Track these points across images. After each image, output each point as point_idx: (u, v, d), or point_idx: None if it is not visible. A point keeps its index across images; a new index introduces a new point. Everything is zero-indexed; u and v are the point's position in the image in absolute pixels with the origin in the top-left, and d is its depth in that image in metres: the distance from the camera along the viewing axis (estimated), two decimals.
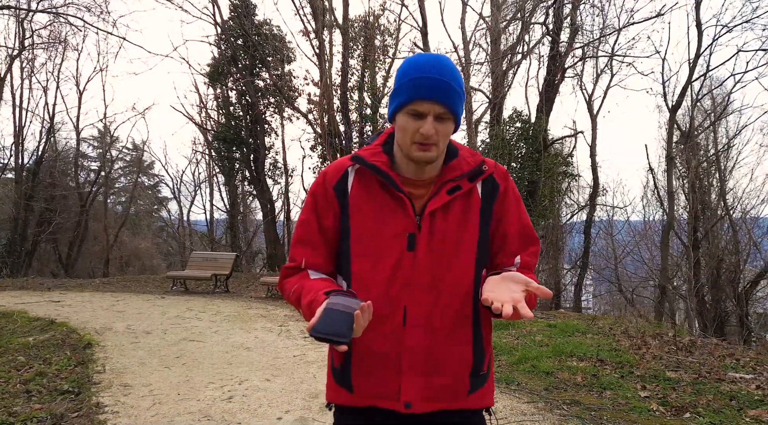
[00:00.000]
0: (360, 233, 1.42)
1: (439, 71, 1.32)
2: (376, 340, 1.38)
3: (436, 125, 1.32)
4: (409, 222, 1.39)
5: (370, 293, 1.37)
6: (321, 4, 14.38)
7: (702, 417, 4.06)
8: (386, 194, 1.42)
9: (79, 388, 4.72)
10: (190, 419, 4.03)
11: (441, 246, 1.39)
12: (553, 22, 11.43)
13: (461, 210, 1.43)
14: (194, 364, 5.59)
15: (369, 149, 1.49)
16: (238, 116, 18.39)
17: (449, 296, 1.39)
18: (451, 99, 1.32)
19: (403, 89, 1.34)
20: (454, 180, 1.42)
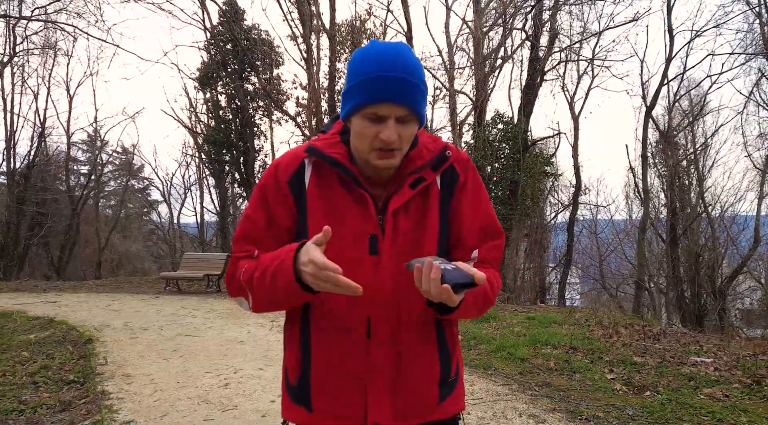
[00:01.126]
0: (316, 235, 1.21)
1: (400, 67, 1.15)
2: (338, 356, 1.25)
3: (398, 129, 1.17)
4: (370, 222, 1.24)
5: (328, 304, 1.25)
6: (308, 10, 14.72)
7: (660, 395, 4.45)
8: (345, 191, 1.26)
9: (84, 378, 5.03)
10: (190, 403, 4.36)
11: (404, 249, 1.24)
12: (532, 27, 11.85)
13: (423, 205, 1.28)
14: (191, 356, 5.91)
15: (325, 138, 1.32)
16: (228, 119, 18.70)
17: (413, 303, 1.24)
18: (415, 99, 1.16)
19: (357, 90, 1.17)
20: (416, 171, 1.27)
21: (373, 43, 1.22)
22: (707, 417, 3.99)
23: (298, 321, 1.32)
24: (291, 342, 1.35)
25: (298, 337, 1.31)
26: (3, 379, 5.11)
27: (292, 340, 1.34)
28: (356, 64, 1.19)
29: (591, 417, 4.02)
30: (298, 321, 1.32)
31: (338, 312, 1.25)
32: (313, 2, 15.25)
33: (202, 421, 3.96)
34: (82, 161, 29.47)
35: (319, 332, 1.27)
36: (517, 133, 12.83)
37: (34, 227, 21.34)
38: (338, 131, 1.33)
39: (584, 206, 20.23)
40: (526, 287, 16.44)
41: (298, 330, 1.31)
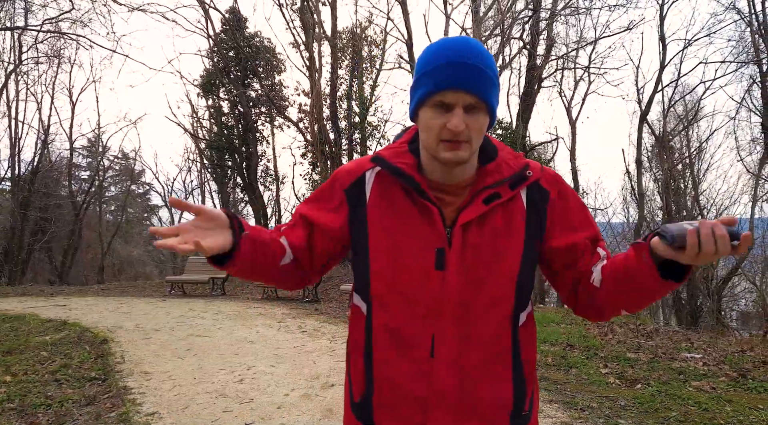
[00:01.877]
0: (380, 248, 1.20)
1: (467, 54, 1.10)
2: (400, 373, 1.18)
3: (466, 118, 1.11)
4: (437, 236, 1.16)
5: (392, 318, 1.19)
6: (310, 19, 15.02)
7: (651, 387, 4.72)
8: (411, 202, 1.20)
9: (105, 375, 5.29)
10: (208, 397, 4.62)
11: (475, 265, 1.16)
12: (529, 36, 12.17)
13: (502, 222, 1.19)
14: (204, 355, 6.17)
15: (393, 147, 1.27)
16: (230, 125, 18.97)
17: (483, 325, 1.17)
18: (484, 87, 1.11)
19: (425, 78, 1.13)
20: (491, 187, 1.19)
21: (443, 38, 1.18)
22: (694, 407, 4.26)
23: (362, 335, 1.25)
24: (355, 356, 1.28)
25: (362, 352, 1.24)
26: (25, 377, 5.36)
27: (357, 355, 1.27)
28: (424, 57, 1.16)
29: (585, 408, 4.29)
30: (362, 335, 1.25)
31: (401, 328, 1.18)
32: (315, 11, 15.56)
33: (221, 412, 4.22)
34: (83, 167, 29.78)
35: (382, 348, 1.20)
36: (515, 138, 13.13)
37: (37, 233, 21.59)
38: (407, 140, 1.28)
39: None
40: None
41: (362, 344, 1.25)
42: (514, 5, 13.41)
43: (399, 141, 1.30)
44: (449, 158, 1.14)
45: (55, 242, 23.21)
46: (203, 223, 1.07)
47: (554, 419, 4.08)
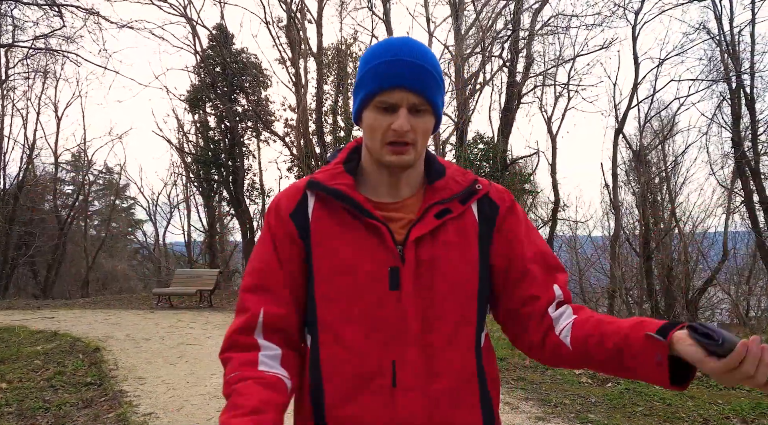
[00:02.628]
0: (326, 272, 1.11)
1: (411, 53, 1.07)
2: (361, 407, 1.07)
3: (411, 119, 1.06)
4: (388, 253, 1.09)
5: (345, 348, 1.08)
6: (297, 36, 15.37)
7: (620, 386, 5.03)
8: (356, 222, 1.12)
9: (100, 380, 5.48)
10: (202, 399, 4.84)
11: (432, 282, 1.10)
12: (509, 53, 12.63)
13: (455, 237, 1.13)
14: (195, 362, 6.37)
15: (327, 170, 1.19)
16: (217, 139, 19.19)
17: (447, 347, 1.09)
18: (428, 86, 1.07)
19: (367, 78, 1.09)
20: (442, 203, 1.14)
21: (386, 39, 1.15)
22: (659, 403, 4.58)
23: (307, 373, 1.13)
24: (301, 398, 1.15)
25: (309, 391, 1.11)
26: (21, 384, 5.54)
27: (302, 395, 1.14)
28: (367, 56, 1.12)
29: (558, 404, 4.58)
30: (307, 373, 1.13)
31: (357, 358, 1.07)
32: (301, 28, 15.92)
33: (215, 412, 4.45)
34: (67, 182, 29.73)
35: (334, 381, 1.08)
36: (496, 152, 13.53)
37: (21, 247, 21.52)
38: (341, 161, 1.21)
39: (563, 222, 20.95)
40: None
41: (308, 383, 1.12)
42: (495, 24, 13.90)
43: (333, 162, 1.21)
44: (394, 161, 1.09)
45: (39, 257, 23.12)
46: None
47: (529, 414, 4.36)
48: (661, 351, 0.92)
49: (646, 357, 0.95)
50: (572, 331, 1.08)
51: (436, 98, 1.10)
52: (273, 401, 1.01)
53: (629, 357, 0.98)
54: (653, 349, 0.93)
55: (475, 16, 12.71)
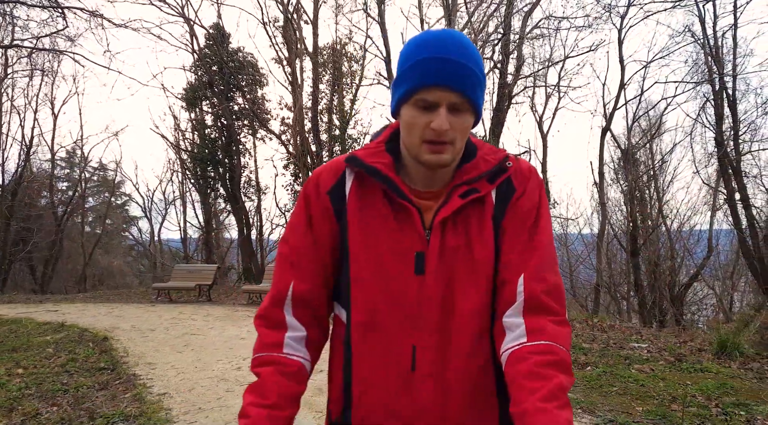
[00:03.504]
0: (359, 253, 1.13)
1: (453, 50, 1.04)
2: (379, 390, 1.11)
3: (450, 118, 1.04)
4: (416, 238, 1.10)
5: (372, 330, 1.11)
6: (293, 36, 15.69)
7: (599, 369, 5.43)
8: (389, 204, 1.13)
9: (113, 366, 5.83)
10: (210, 382, 5.20)
11: (452, 268, 1.10)
12: (500, 55, 13.00)
13: (476, 221, 1.12)
14: (201, 349, 6.73)
15: (369, 147, 1.19)
16: (214, 137, 19.49)
17: (465, 334, 1.10)
18: (470, 85, 1.05)
19: (408, 75, 1.06)
20: (468, 183, 1.13)
21: (428, 31, 1.11)
22: (633, 383, 4.97)
23: (341, 350, 1.17)
24: (334, 373, 1.20)
25: (341, 368, 1.17)
26: (36, 370, 5.87)
27: (335, 371, 1.20)
28: (407, 50, 1.09)
29: None
30: (341, 350, 1.17)
31: (382, 341, 1.10)
32: (298, 28, 16.24)
33: (224, 392, 4.81)
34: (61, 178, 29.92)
35: (361, 363, 1.12)
36: None
37: (18, 243, 21.76)
38: (384, 140, 1.20)
39: (554, 219, 21.40)
40: None
41: (341, 360, 1.17)
42: (487, 26, 14.27)
43: (376, 141, 1.21)
44: (432, 160, 1.07)
45: (37, 253, 23.36)
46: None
47: None
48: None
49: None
50: (506, 366, 1.04)
51: (477, 97, 1.08)
52: (291, 394, 1.09)
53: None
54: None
55: (467, 19, 13.07)
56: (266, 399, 1.06)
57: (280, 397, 1.07)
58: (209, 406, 4.44)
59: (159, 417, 4.18)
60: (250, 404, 1.06)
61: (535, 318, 1.05)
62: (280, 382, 1.09)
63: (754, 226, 12.03)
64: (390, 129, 1.23)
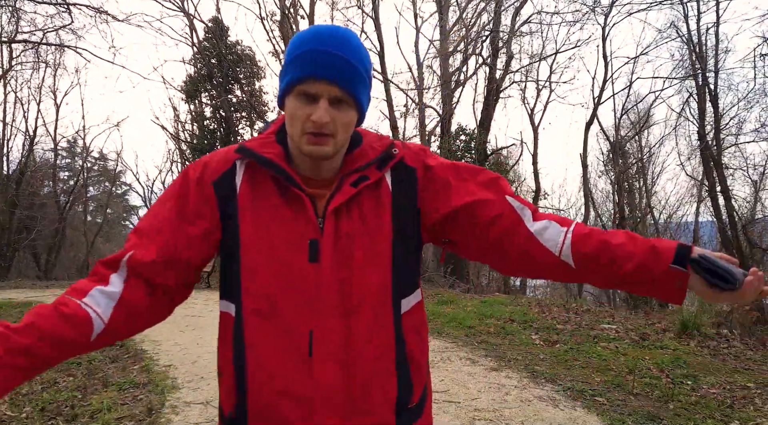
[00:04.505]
0: (251, 243, 1.12)
1: (335, 44, 1.06)
2: (278, 377, 1.09)
3: (332, 112, 1.06)
4: (309, 226, 1.11)
5: (267, 319, 1.10)
6: (290, 31, 16.08)
7: (566, 346, 5.93)
8: (281, 193, 1.14)
9: (121, 342, 6.32)
10: (211, 356, 5.68)
11: (349, 253, 1.12)
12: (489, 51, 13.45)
13: (371, 206, 1.15)
14: (202, 330, 7.23)
15: (260, 138, 1.20)
16: (213, 128, 19.93)
17: (364, 316, 1.11)
18: (352, 81, 1.07)
19: (290, 66, 1.08)
20: (358, 170, 1.16)
21: (316, 25, 1.13)
22: (596, 359, 5.47)
23: (230, 345, 1.14)
24: (224, 368, 1.17)
25: (232, 362, 1.14)
26: None
27: (226, 366, 1.16)
28: (293, 42, 1.11)
29: (512, 359, 5.47)
30: (230, 345, 1.14)
31: (278, 328, 1.10)
32: (294, 22, 16.63)
33: None
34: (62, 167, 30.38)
35: (257, 352, 1.11)
36: (478, 144, 14.39)
37: (22, 231, 22.23)
38: (274, 131, 1.22)
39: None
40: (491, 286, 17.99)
41: (230, 354, 1.14)
42: (479, 21, 14.69)
43: (266, 132, 1.23)
44: (312, 151, 1.09)
45: (40, 241, 23.84)
46: None
47: (485, 366, 5.25)
48: (681, 278, 1.06)
49: (666, 282, 1.07)
50: (573, 249, 1.12)
51: (360, 93, 1.09)
52: (50, 332, 0.98)
53: (649, 281, 1.08)
54: (674, 277, 1.06)
55: (459, 15, 13.49)
56: (21, 323, 0.98)
57: (32, 326, 0.97)
58: (210, 376, 4.93)
59: (166, 384, 4.67)
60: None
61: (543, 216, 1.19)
62: (47, 316, 0.99)
63: (733, 217, 12.48)
64: (280, 120, 1.24)
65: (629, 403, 4.19)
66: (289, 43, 1.13)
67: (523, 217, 1.17)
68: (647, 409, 4.03)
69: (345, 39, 1.08)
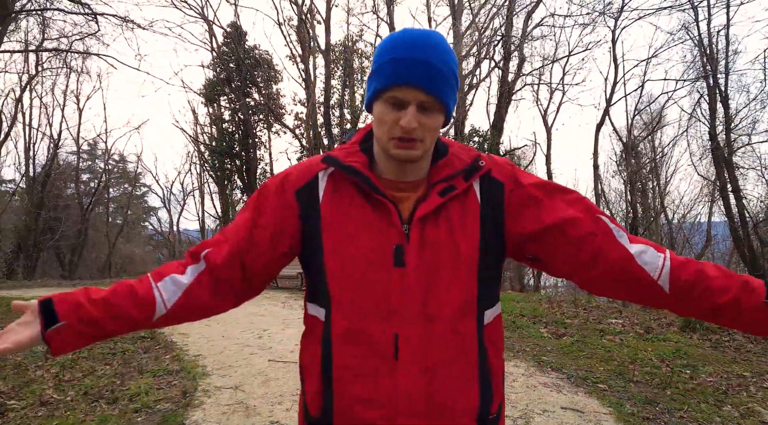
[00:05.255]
0: (335, 248, 1.14)
1: (425, 50, 1.06)
2: (363, 380, 1.11)
3: (419, 117, 1.08)
4: (394, 232, 1.12)
5: (353, 321, 1.12)
6: (306, 35, 16.48)
7: (573, 338, 6.21)
8: (366, 201, 1.16)
9: (151, 335, 6.71)
10: (237, 347, 6.06)
11: (435, 260, 1.12)
12: (502, 54, 13.73)
13: (458, 216, 1.16)
14: (225, 324, 7.61)
15: (344, 148, 1.23)
16: (231, 131, 20.41)
17: (447, 322, 1.11)
18: (439, 85, 1.07)
19: (381, 71, 1.09)
20: (446, 180, 1.16)
21: (405, 29, 1.14)
22: (600, 350, 5.75)
23: (318, 343, 1.18)
24: (311, 369, 1.21)
25: (320, 361, 1.17)
26: None
27: (313, 367, 1.20)
28: (383, 46, 1.13)
29: (521, 351, 5.77)
30: (318, 343, 1.18)
31: (363, 331, 1.12)
32: (311, 27, 17.03)
33: (249, 354, 5.67)
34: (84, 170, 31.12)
35: (342, 354, 1.14)
36: (492, 144, 14.67)
37: (46, 232, 22.91)
38: (358, 141, 1.25)
39: None
40: (504, 284, 18.27)
41: (319, 354, 1.18)
42: (492, 24, 14.97)
43: (350, 141, 1.27)
44: (400, 155, 1.11)
45: (64, 241, 24.51)
46: (27, 318, 1.08)
47: None
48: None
49: (758, 316, 1.08)
50: (672, 275, 1.11)
51: (447, 97, 1.10)
52: (118, 309, 1.09)
53: (739, 314, 1.09)
54: (766, 312, 1.07)
55: (472, 19, 13.78)
56: (94, 294, 1.11)
57: (106, 301, 1.09)
58: (237, 364, 5.29)
59: (196, 371, 5.04)
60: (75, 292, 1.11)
61: (638, 239, 1.17)
62: (120, 293, 1.11)
63: (744, 216, 12.62)
64: (364, 130, 1.28)
65: (629, 389, 4.47)
66: (377, 48, 1.16)
67: (619, 237, 1.15)
68: (645, 394, 4.31)
69: (432, 43, 1.09)
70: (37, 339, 1.05)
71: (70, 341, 1.08)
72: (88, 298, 1.09)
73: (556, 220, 1.16)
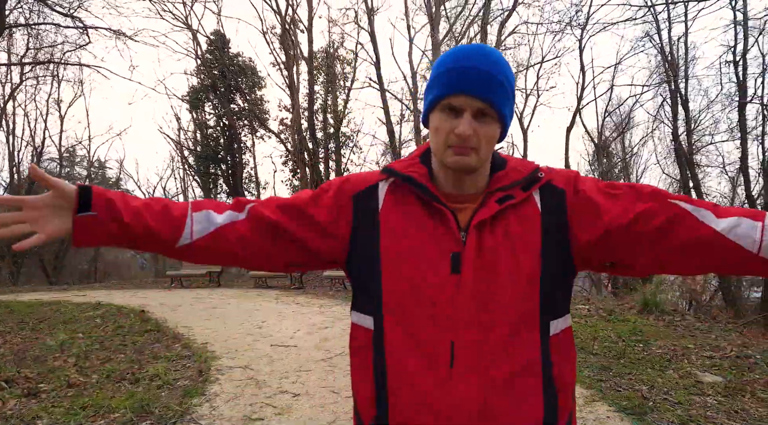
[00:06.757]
0: (391, 255, 1.13)
1: (480, 60, 1.08)
2: (418, 387, 1.09)
3: (475, 125, 1.07)
4: (452, 239, 1.11)
5: (408, 328, 1.10)
6: (290, 43, 17.07)
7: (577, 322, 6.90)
8: (424, 209, 1.15)
9: (157, 328, 7.26)
10: (240, 335, 6.64)
11: (492, 267, 1.09)
12: None
13: (516, 224, 1.13)
14: (225, 318, 8.18)
15: (404, 161, 1.23)
16: (216, 136, 20.90)
17: (505, 330, 1.08)
18: (495, 93, 1.08)
19: (436, 83, 1.11)
20: (503, 189, 1.15)
21: (462, 44, 1.20)
22: None
23: (370, 347, 1.16)
24: (363, 372, 1.18)
25: (372, 366, 1.15)
26: (93, 334, 7.25)
27: (365, 370, 1.17)
28: (439, 61, 1.14)
29: None
30: (370, 347, 1.16)
31: (419, 337, 1.09)
32: (294, 35, 17.62)
33: (252, 341, 6.27)
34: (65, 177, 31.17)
35: (395, 360, 1.11)
36: None
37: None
38: (418, 154, 1.26)
39: None
40: None
41: (370, 357, 1.15)
42: (468, 32, 15.71)
43: (411, 155, 1.28)
44: (456, 162, 1.10)
45: (47, 247, 24.64)
46: (57, 201, 1.09)
47: None
48: None
49: None
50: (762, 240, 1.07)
51: (503, 106, 1.10)
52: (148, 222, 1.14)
53: None
54: None
55: (449, 27, 14.50)
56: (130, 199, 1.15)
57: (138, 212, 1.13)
58: (243, 349, 5.90)
59: (207, 355, 5.63)
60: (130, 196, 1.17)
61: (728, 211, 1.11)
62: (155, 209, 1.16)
63: None
64: (424, 146, 1.27)
65: (588, 360, 5.16)
66: (433, 64, 1.21)
67: (701, 218, 1.10)
68: (602, 363, 5.01)
69: (486, 54, 1.10)
70: (67, 229, 1.09)
71: (95, 233, 1.11)
72: (123, 200, 1.13)
73: (623, 220, 1.11)
